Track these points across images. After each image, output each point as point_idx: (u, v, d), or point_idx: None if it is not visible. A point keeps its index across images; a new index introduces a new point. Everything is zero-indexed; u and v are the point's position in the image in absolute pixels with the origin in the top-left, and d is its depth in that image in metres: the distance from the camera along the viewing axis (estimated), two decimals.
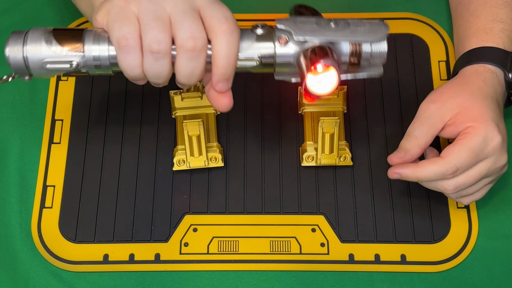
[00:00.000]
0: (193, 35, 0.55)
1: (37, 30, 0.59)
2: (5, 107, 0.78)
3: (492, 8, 0.73)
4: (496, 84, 0.69)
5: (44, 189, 0.74)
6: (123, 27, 0.55)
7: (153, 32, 0.55)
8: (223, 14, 0.57)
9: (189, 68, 0.57)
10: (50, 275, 0.70)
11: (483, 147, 0.65)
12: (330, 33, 0.59)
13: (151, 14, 0.55)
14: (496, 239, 0.72)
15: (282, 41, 0.59)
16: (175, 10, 0.55)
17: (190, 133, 0.71)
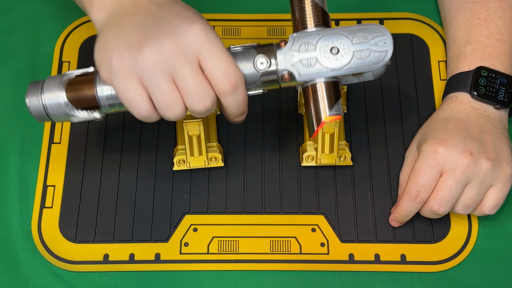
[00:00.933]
0: (201, 99, 0.58)
1: (52, 84, 0.62)
2: (5, 107, 0.78)
3: (469, 29, 0.75)
4: (461, 109, 0.71)
5: (44, 189, 0.74)
6: (132, 101, 0.58)
7: (164, 105, 0.58)
8: (224, 73, 0.58)
9: (202, 115, 0.60)
10: (50, 275, 0.70)
11: (425, 164, 0.68)
12: (333, 66, 0.60)
13: (157, 89, 0.58)
14: (496, 239, 0.72)
15: (286, 78, 0.61)
16: (178, 78, 0.57)
17: (190, 133, 0.71)
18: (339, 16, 0.83)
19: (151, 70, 0.56)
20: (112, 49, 0.58)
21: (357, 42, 0.61)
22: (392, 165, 0.74)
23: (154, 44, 0.56)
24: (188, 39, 0.56)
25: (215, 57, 0.57)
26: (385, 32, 0.61)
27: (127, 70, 0.57)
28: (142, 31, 0.58)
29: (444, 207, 0.67)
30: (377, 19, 0.83)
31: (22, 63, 0.81)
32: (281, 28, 0.82)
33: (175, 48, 0.56)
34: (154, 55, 0.56)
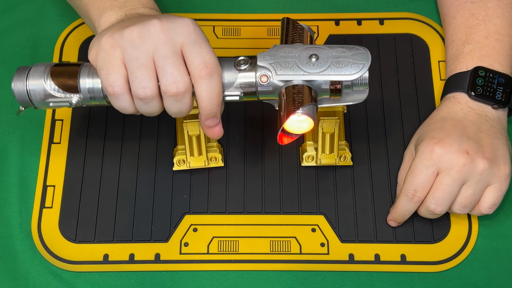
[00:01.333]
0: (175, 80, 0.59)
1: (39, 67, 0.65)
2: (5, 107, 0.78)
3: (467, 29, 0.75)
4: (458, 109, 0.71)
5: (44, 189, 0.74)
6: (108, 75, 0.60)
7: (138, 80, 0.59)
8: (202, 59, 0.60)
9: (176, 108, 0.62)
10: (50, 275, 0.70)
11: (421, 163, 0.68)
12: (310, 71, 0.61)
13: (135, 62, 0.59)
14: (496, 239, 0.72)
15: (263, 79, 0.62)
16: (157, 56, 0.59)
17: (190, 133, 0.71)
18: (339, 16, 0.83)
19: (134, 44, 0.59)
20: (105, 32, 0.61)
21: (336, 54, 0.62)
22: (392, 165, 0.74)
23: (143, 24, 0.60)
24: (176, 26, 0.60)
25: (197, 44, 0.60)
26: (364, 50, 0.62)
27: (113, 44, 0.60)
28: (136, 19, 0.62)
29: (441, 206, 0.67)
30: (377, 19, 0.83)
31: (22, 63, 0.80)
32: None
33: (162, 28, 0.59)
34: (140, 31, 0.59)
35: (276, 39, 0.81)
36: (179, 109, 0.62)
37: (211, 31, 0.82)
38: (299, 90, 0.61)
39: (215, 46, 0.81)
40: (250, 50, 0.81)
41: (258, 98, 0.64)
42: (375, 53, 0.80)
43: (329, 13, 0.84)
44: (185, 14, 0.83)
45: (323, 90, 0.63)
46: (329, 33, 0.82)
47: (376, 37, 0.82)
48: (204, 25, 0.82)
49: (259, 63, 0.62)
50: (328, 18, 0.83)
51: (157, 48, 0.59)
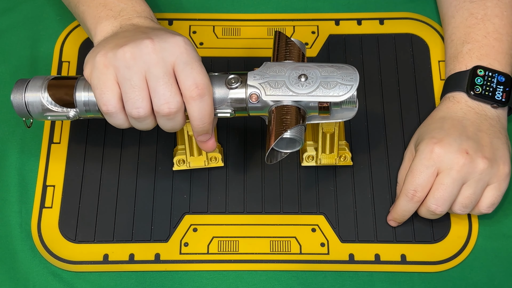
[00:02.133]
0: (167, 101, 0.61)
1: (37, 81, 0.66)
2: (5, 107, 0.78)
3: (466, 29, 0.75)
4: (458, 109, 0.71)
5: (44, 189, 0.74)
6: (102, 95, 0.62)
7: (131, 100, 0.61)
8: (193, 80, 0.61)
9: (169, 126, 0.64)
10: (50, 275, 0.70)
11: (421, 163, 0.68)
12: (298, 91, 0.63)
13: (128, 82, 0.61)
14: (496, 239, 0.72)
15: (253, 98, 0.64)
16: (149, 76, 0.61)
17: (190, 133, 0.71)
18: (339, 16, 0.83)
19: (127, 65, 0.60)
20: (99, 49, 0.63)
21: (325, 74, 0.63)
22: (392, 165, 0.74)
23: (135, 44, 0.61)
24: (168, 46, 0.61)
25: (189, 65, 0.61)
26: (353, 69, 0.64)
27: (107, 64, 0.61)
28: (130, 38, 0.63)
29: (441, 206, 0.67)
30: (377, 19, 0.83)
31: (22, 63, 0.81)
32: (281, 28, 0.82)
33: (154, 49, 0.61)
34: (132, 52, 0.61)
35: None
36: (172, 127, 0.64)
37: (211, 31, 0.82)
38: (288, 111, 0.63)
39: (215, 46, 0.81)
40: (250, 50, 0.81)
41: (249, 114, 0.65)
42: (375, 53, 0.80)
43: (329, 13, 0.84)
44: (185, 14, 0.83)
45: (312, 108, 0.64)
46: (329, 33, 0.82)
47: (376, 37, 0.82)
48: (204, 25, 0.82)
49: (249, 82, 0.64)
50: (328, 18, 0.83)
51: (150, 69, 0.61)
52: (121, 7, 0.69)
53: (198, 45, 0.81)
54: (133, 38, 0.62)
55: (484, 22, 0.74)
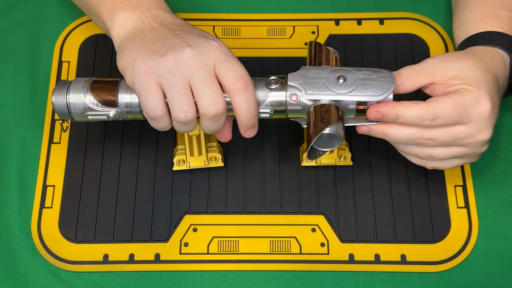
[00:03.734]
0: (213, 102, 0.62)
1: (79, 82, 0.68)
2: (5, 107, 0.78)
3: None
4: (501, 66, 0.69)
5: (44, 189, 0.74)
6: (149, 100, 0.63)
7: (178, 105, 0.62)
8: (235, 73, 0.63)
9: (213, 127, 0.65)
10: (50, 275, 0.70)
11: (469, 107, 0.64)
12: (338, 91, 0.64)
13: (174, 88, 0.62)
14: (496, 239, 0.72)
15: (293, 98, 0.65)
16: (194, 80, 0.62)
17: (190, 133, 0.71)
18: (339, 16, 0.83)
19: (171, 72, 0.62)
20: (136, 55, 0.63)
21: (363, 76, 0.65)
22: (392, 165, 0.74)
23: (176, 51, 0.62)
24: (206, 50, 0.63)
25: (228, 61, 0.63)
26: (389, 73, 0.65)
27: (148, 71, 0.62)
28: (165, 42, 0.64)
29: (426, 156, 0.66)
30: (377, 19, 0.83)
31: (22, 63, 0.81)
32: (281, 28, 0.82)
33: (194, 55, 0.62)
34: (175, 59, 0.62)
35: (276, 39, 0.81)
36: (215, 128, 0.65)
37: (211, 31, 0.82)
38: (327, 109, 0.64)
39: None
40: (250, 50, 0.81)
41: (287, 116, 0.67)
42: (375, 53, 0.80)
43: (329, 13, 0.84)
44: (185, 14, 0.83)
45: (349, 110, 0.65)
46: (329, 33, 0.82)
47: (376, 37, 0.82)
48: (204, 25, 0.82)
49: (290, 82, 0.65)
50: (328, 18, 0.83)
51: (193, 74, 0.62)
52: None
53: None
54: (170, 44, 0.63)
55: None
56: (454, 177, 0.74)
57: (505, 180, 0.74)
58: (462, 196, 0.73)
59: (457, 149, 0.66)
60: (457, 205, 0.73)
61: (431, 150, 0.66)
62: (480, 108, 0.64)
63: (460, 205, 0.73)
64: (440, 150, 0.66)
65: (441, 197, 0.73)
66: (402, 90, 0.67)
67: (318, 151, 0.66)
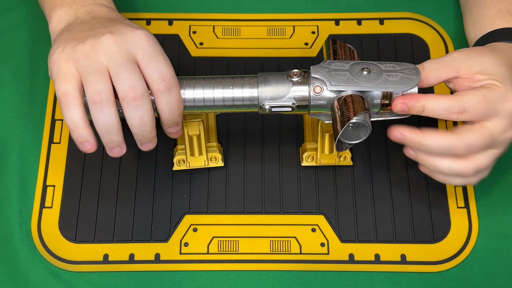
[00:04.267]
0: (132, 84, 0.59)
1: None
2: (5, 107, 0.78)
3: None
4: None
5: (44, 189, 0.74)
6: (61, 85, 0.59)
7: (92, 85, 0.59)
8: (160, 73, 0.60)
9: (137, 116, 0.61)
10: (50, 275, 0.70)
11: (497, 102, 0.63)
12: (363, 83, 0.62)
13: (88, 69, 0.59)
14: (496, 239, 0.72)
15: (317, 89, 0.63)
16: (111, 63, 0.59)
17: (190, 133, 0.71)
18: (339, 16, 0.83)
19: (87, 55, 0.59)
20: (56, 47, 0.62)
21: (386, 68, 0.63)
22: (392, 165, 0.74)
23: (95, 38, 0.60)
24: (129, 38, 0.60)
25: (153, 58, 0.60)
26: (412, 65, 0.64)
27: (66, 58, 0.60)
28: (88, 31, 0.62)
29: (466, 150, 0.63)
30: (377, 19, 0.83)
31: (22, 63, 0.81)
32: (281, 28, 0.82)
33: (115, 41, 0.60)
34: (93, 44, 0.60)
35: (276, 39, 0.81)
36: (140, 117, 0.61)
37: (211, 31, 0.82)
38: (354, 99, 0.62)
39: (215, 46, 0.81)
40: (250, 50, 0.81)
41: (310, 111, 0.65)
42: (375, 53, 0.80)
43: (329, 13, 0.84)
44: (185, 14, 0.83)
45: (373, 105, 0.64)
46: (329, 33, 0.82)
47: (376, 37, 0.82)
48: (204, 25, 0.82)
49: (313, 74, 0.63)
50: (328, 18, 0.83)
51: (111, 58, 0.60)
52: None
53: (198, 45, 0.81)
54: (92, 32, 0.61)
55: None
56: None
57: (505, 180, 0.74)
58: (462, 196, 0.73)
59: (492, 152, 0.64)
60: (457, 205, 0.73)
61: (474, 160, 0.64)
62: (507, 104, 0.63)
63: (460, 205, 0.73)
64: (482, 157, 0.64)
65: (441, 197, 0.73)
66: (426, 83, 0.65)
67: (345, 143, 0.65)
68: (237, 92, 0.64)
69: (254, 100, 0.64)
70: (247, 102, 0.64)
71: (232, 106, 0.65)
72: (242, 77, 0.65)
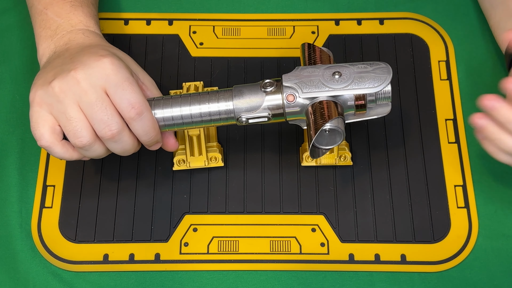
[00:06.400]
0: (107, 124, 0.62)
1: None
2: (5, 107, 0.78)
3: None
4: None
5: (44, 189, 0.74)
6: (35, 131, 0.63)
7: (71, 132, 0.62)
8: (128, 101, 0.62)
9: (119, 148, 0.64)
10: (50, 275, 0.70)
11: None
12: (334, 87, 0.63)
13: (63, 116, 0.61)
14: (496, 239, 0.72)
15: (290, 98, 0.64)
16: (83, 105, 0.61)
17: (190, 133, 0.71)
18: (339, 16, 0.83)
19: (58, 99, 0.61)
20: (32, 86, 0.64)
21: (358, 70, 0.64)
22: (392, 165, 0.74)
23: (62, 77, 0.62)
24: (94, 71, 0.61)
25: (119, 86, 0.62)
26: (384, 64, 0.65)
27: (39, 102, 0.62)
28: (57, 69, 0.63)
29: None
30: (377, 19, 0.83)
31: (22, 63, 0.81)
32: (281, 28, 0.82)
33: (81, 78, 0.61)
34: (60, 86, 0.61)
35: (276, 39, 0.81)
36: (121, 148, 0.65)
37: (211, 31, 0.82)
38: (326, 105, 0.63)
39: (215, 46, 0.81)
40: (250, 50, 0.81)
41: (286, 119, 0.66)
42: (375, 53, 0.81)
43: (329, 13, 0.84)
44: (185, 14, 0.83)
45: (348, 107, 0.65)
46: (329, 33, 0.82)
47: (376, 37, 0.82)
48: (204, 25, 0.82)
49: (285, 83, 0.64)
50: (328, 18, 0.83)
51: (81, 98, 0.61)
52: (57, 24, 0.69)
53: (198, 45, 0.81)
54: (60, 70, 0.63)
55: None
56: (454, 177, 0.74)
57: (505, 180, 0.75)
58: (462, 196, 0.73)
59: None
60: (457, 205, 0.73)
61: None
62: None
63: (460, 205, 0.73)
64: None
65: (441, 197, 0.73)
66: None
67: (320, 149, 0.66)
68: (213, 106, 0.65)
69: (230, 113, 0.66)
70: (223, 115, 0.66)
71: (210, 120, 0.66)
72: (217, 91, 0.66)
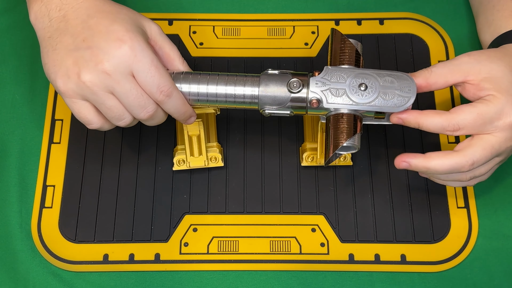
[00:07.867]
0: (143, 107, 0.64)
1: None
2: (5, 107, 0.78)
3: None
4: None
5: (44, 189, 0.74)
6: (83, 119, 0.65)
7: (114, 118, 0.64)
8: (156, 86, 0.64)
9: (154, 122, 0.67)
10: (50, 275, 0.70)
11: (494, 118, 0.63)
12: (358, 101, 0.64)
13: (103, 106, 0.63)
14: (496, 239, 0.72)
15: (314, 104, 0.65)
16: (118, 95, 0.63)
17: (190, 133, 0.71)
18: (339, 16, 0.83)
19: (92, 92, 0.62)
20: (55, 75, 0.64)
21: (384, 84, 0.65)
22: (392, 165, 0.74)
23: (89, 71, 0.62)
24: (120, 61, 0.62)
25: (147, 72, 0.63)
26: (411, 80, 0.65)
27: (72, 93, 0.63)
28: (75, 55, 0.63)
29: (471, 166, 0.64)
30: (377, 19, 0.83)
31: (22, 63, 0.81)
32: (281, 28, 0.82)
33: (110, 71, 0.62)
34: (91, 80, 0.62)
35: (276, 39, 0.81)
36: (156, 122, 0.67)
37: (211, 31, 0.82)
38: (346, 119, 0.65)
39: (215, 46, 0.81)
40: (250, 50, 0.81)
41: (307, 112, 0.67)
42: (375, 53, 0.80)
43: (329, 13, 0.84)
44: (185, 14, 0.83)
45: (367, 115, 0.66)
46: (329, 33, 0.82)
47: (376, 37, 0.82)
48: (204, 25, 0.82)
49: (312, 89, 0.65)
50: (328, 18, 0.83)
51: (115, 89, 0.63)
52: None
53: (198, 45, 0.81)
54: (80, 58, 0.62)
55: None
56: None
57: (505, 180, 0.75)
58: (462, 196, 0.73)
59: (494, 160, 0.66)
60: (457, 205, 0.73)
61: (473, 171, 0.66)
62: (505, 119, 0.63)
63: (460, 205, 0.73)
64: (482, 168, 0.66)
65: (441, 197, 0.73)
66: (434, 87, 0.66)
67: (335, 154, 0.67)
68: (239, 90, 0.66)
69: (254, 98, 0.66)
70: (247, 100, 0.66)
71: (233, 102, 0.67)
72: (245, 76, 0.67)
